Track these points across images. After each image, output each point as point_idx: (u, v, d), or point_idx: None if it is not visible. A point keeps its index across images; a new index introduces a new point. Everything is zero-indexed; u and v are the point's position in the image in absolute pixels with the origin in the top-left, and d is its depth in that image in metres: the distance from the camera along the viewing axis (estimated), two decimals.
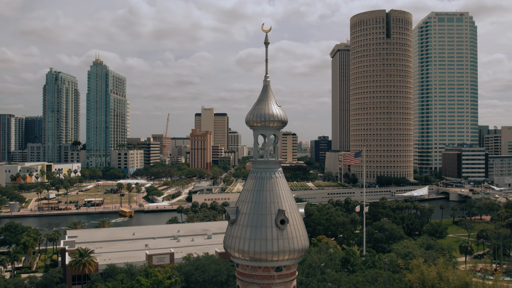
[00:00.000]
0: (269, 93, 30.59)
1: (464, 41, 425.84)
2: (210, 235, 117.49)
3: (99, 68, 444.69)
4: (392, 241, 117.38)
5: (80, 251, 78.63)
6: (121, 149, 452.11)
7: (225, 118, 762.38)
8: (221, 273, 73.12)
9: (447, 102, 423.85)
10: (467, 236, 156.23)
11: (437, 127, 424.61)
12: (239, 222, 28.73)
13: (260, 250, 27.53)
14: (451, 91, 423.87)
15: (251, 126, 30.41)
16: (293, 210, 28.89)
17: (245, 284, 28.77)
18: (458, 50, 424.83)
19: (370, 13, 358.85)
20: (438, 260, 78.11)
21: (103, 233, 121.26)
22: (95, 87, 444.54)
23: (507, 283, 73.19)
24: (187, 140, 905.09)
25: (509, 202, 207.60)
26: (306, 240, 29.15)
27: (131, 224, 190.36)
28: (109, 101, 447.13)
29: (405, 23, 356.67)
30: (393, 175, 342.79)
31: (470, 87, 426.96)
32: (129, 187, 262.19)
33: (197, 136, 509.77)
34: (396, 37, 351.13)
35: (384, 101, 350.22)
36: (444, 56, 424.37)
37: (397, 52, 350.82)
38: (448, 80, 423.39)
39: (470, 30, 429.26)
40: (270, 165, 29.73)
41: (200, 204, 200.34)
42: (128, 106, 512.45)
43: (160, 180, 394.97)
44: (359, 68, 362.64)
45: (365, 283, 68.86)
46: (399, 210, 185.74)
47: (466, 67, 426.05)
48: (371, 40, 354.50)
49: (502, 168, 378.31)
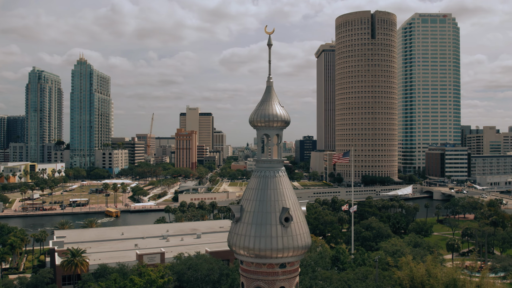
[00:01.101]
0: (272, 93, 31.22)
1: (447, 42, 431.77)
2: (200, 234, 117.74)
3: (83, 67, 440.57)
4: (379, 240, 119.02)
5: (72, 251, 78.31)
6: (106, 149, 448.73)
7: (210, 118, 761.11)
8: (213, 272, 73.58)
9: (431, 102, 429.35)
10: (451, 234, 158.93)
11: (421, 127, 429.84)
12: (243, 220, 29.29)
13: (265, 247, 28.14)
14: (434, 92, 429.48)
15: (255, 126, 30.96)
16: (296, 208, 29.55)
17: (250, 280, 29.36)
18: (441, 51, 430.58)
19: (355, 14, 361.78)
20: (426, 257, 79.69)
21: (91, 233, 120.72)
22: (79, 86, 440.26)
23: (493, 280, 74.86)
24: (171, 139, 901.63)
25: (492, 200, 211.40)
26: (309, 237, 29.90)
27: (118, 224, 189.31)
28: (94, 100, 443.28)
29: (389, 24, 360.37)
30: (378, 174, 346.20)
31: (453, 87, 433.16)
32: (115, 187, 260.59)
33: (182, 136, 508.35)
34: (381, 37, 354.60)
35: (369, 101, 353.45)
36: (428, 57, 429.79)
37: (382, 53, 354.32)
38: (432, 80, 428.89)
39: (453, 32, 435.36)
40: (274, 164, 30.27)
41: (187, 204, 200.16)
42: (112, 105, 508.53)
43: (145, 180, 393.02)
44: (344, 68, 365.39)
45: (356, 280, 69.92)
46: (385, 209, 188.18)
47: (449, 68, 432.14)
48: (356, 40, 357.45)
49: (484, 168, 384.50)
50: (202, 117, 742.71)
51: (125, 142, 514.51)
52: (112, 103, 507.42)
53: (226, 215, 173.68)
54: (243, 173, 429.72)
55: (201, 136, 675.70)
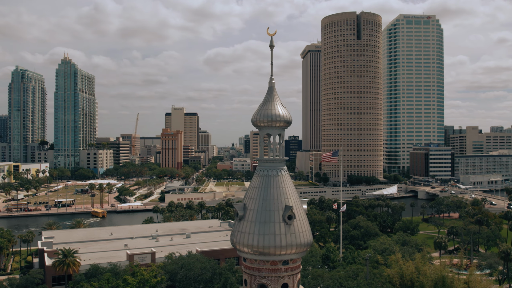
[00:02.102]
0: (274, 94, 31.85)
1: (431, 43, 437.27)
2: (189, 234, 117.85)
3: (68, 66, 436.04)
4: (367, 238, 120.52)
5: (63, 251, 77.91)
6: (90, 149, 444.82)
7: (196, 118, 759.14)
8: (206, 271, 73.90)
9: (415, 103, 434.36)
10: (437, 233, 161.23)
11: (405, 127, 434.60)
12: (247, 218, 29.84)
13: (269, 245, 28.75)
14: (418, 92, 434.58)
15: (257, 126, 31.56)
16: (298, 206, 30.20)
17: (253, 278, 29.92)
18: (425, 52, 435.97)
19: (341, 15, 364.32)
20: (415, 255, 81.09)
21: (80, 233, 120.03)
22: (63, 86, 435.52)
23: (480, 277, 76.41)
24: (156, 139, 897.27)
25: (476, 200, 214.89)
26: (310, 234, 30.58)
27: (104, 224, 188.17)
28: (78, 100, 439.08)
29: (375, 25, 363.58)
30: (364, 174, 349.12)
31: (436, 88, 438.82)
32: (101, 187, 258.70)
33: (168, 136, 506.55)
34: (367, 38, 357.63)
35: (355, 102, 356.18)
36: (412, 58, 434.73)
37: (368, 54, 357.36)
38: (416, 81, 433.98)
39: (436, 33, 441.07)
40: (276, 163, 30.84)
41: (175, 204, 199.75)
42: (96, 105, 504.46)
43: (131, 180, 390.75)
44: (330, 68, 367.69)
45: (347, 278, 70.86)
46: (371, 208, 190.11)
47: (433, 69, 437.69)
48: (342, 41, 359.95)
49: (467, 167, 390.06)
50: (188, 117, 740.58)
51: (110, 142, 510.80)
52: (97, 102, 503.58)
53: (214, 215, 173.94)
54: (229, 173, 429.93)
55: (186, 136, 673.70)
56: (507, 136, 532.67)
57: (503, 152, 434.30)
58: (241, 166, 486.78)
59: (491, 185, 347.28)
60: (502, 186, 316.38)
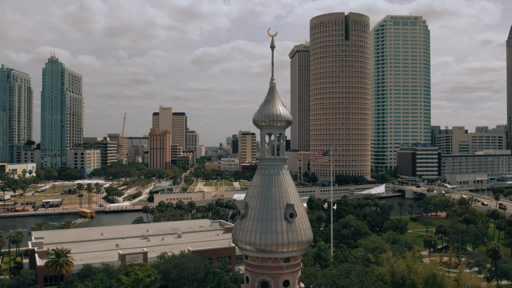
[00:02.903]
0: (275, 94, 32.32)
1: (417, 44, 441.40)
2: (180, 234, 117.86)
3: (55, 65, 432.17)
4: (357, 237, 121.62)
5: (56, 251, 77.55)
6: (78, 148, 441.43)
7: (184, 118, 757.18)
8: (199, 270, 74.16)
9: (402, 103, 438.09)
10: (425, 231, 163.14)
11: (392, 127, 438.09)
12: (249, 216, 30.29)
13: (271, 242, 29.26)
14: (405, 92, 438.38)
15: (258, 126, 32.04)
16: (299, 204, 30.69)
17: (255, 275, 30.39)
18: (412, 53, 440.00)
19: (330, 16, 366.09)
20: (406, 253, 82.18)
21: (70, 233, 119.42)
22: (50, 85, 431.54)
23: (470, 274, 77.72)
24: (144, 139, 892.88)
25: (463, 199, 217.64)
26: (311, 232, 31.17)
27: (93, 225, 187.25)
28: (65, 99, 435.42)
29: (363, 25, 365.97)
30: (352, 174, 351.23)
31: (423, 88, 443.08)
32: (89, 188, 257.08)
33: (156, 136, 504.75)
34: (355, 39, 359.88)
35: (343, 102, 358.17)
36: (399, 58, 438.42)
37: (356, 54, 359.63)
38: (403, 81, 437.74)
39: (423, 34, 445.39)
40: (277, 162, 31.36)
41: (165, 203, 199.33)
42: (83, 104, 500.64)
43: (119, 180, 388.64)
44: (319, 69, 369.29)
45: (340, 276, 71.61)
46: (360, 208, 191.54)
47: (420, 69, 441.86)
48: (330, 41, 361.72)
49: (454, 167, 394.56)
50: (176, 117, 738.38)
51: (97, 142, 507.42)
52: (84, 102, 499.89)
53: (204, 214, 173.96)
54: (218, 173, 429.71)
55: (174, 136, 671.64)
56: (492, 136, 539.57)
57: (489, 152, 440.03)
58: (229, 166, 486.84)
59: (477, 184, 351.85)
60: (487, 186, 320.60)
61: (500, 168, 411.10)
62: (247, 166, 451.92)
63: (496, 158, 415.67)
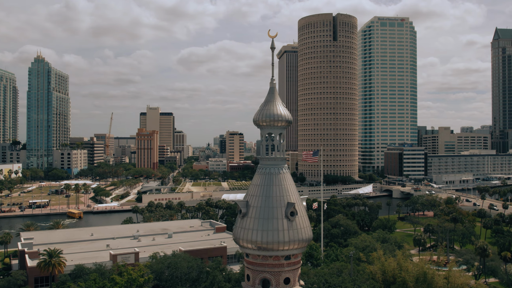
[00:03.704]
0: (275, 94, 32.74)
1: (404, 45, 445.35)
2: (171, 234, 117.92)
3: (41, 64, 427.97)
4: (347, 236, 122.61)
5: (48, 251, 77.15)
6: (64, 149, 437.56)
7: (171, 118, 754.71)
8: (192, 270, 74.35)
9: (389, 104, 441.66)
10: (413, 230, 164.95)
11: (379, 127, 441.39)
12: (250, 215, 30.69)
13: (273, 240, 29.70)
14: (392, 93, 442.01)
15: (258, 125, 32.49)
16: (299, 203, 31.23)
17: (256, 272, 30.80)
18: (399, 54, 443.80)
19: (318, 16, 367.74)
20: (396, 252, 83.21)
21: (60, 234, 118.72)
22: (36, 85, 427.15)
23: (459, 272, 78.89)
24: (130, 139, 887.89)
25: (449, 198, 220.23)
26: (311, 230, 31.68)
27: (81, 225, 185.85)
28: (51, 99, 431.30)
29: (350, 26, 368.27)
30: (339, 173, 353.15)
31: (410, 89, 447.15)
32: (76, 188, 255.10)
33: (143, 136, 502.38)
34: (343, 40, 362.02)
35: (331, 102, 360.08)
36: (386, 59, 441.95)
37: (343, 55, 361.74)
38: (390, 82, 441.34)
39: (410, 35, 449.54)
40: (278, 162, 31.79)
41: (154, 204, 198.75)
42: (70, 104, 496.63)
43: (106, 181, 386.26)
44: (307, 69, 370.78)
45: (332, 275, 72.31)
46: (349, 207, 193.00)
47: (406, 70, 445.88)
48: (318, 42, 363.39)
49: (440, 167, 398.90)
50: (163, 117, 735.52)
51: (84, 142, 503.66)
52: (70, 102, 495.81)
53: (194, 215, 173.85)
54: (206, 173, 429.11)
55: (161, 136, 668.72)
56: (477, 136, 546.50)
57: (474, 152, 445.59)
58: (217, 166, 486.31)
59: (463, 184, 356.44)
60: (473, 185, 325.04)
61: (485, 168, 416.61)
62: (235, 166, 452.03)
63: (481, 158, 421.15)
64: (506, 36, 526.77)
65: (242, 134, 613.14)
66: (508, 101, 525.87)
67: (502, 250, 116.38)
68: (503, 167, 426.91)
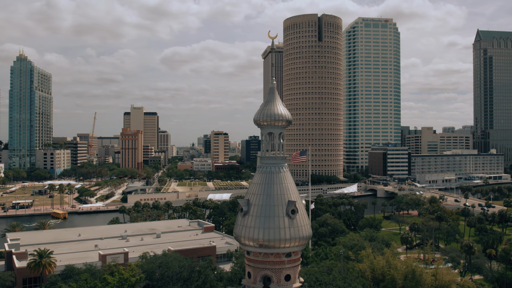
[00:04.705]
0: (276, 94, 33.33)
1: (388, 46, 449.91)
2: (159, 234, 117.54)
3: (23, 63, 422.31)
4: (334, 235, 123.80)
5: (38, 252, 76.50)
6: (47, 148, 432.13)
7: (155, 117, 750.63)
8: (184, 269, 74.51)
9: (373, 104, 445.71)
10: (398, 229, 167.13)
11: (363, 127, 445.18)
12: (251, 213, 31.21)
13: (274, 238, 30.26)
14: (376, 93, 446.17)
15: (259, 125, 33.01)
16: (299, 201, 31.78)
17: (257, 270, 31.32)
18: (383, 54, 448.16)
19: (303, 17, 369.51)
20: (385, 250, 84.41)
21: (46, 235, 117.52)
22: (18, 84, 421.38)
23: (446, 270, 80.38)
24: (114, 139, 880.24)
25: (433, 197, 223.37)
26: (310, 228, 32.34)
27: (66, 226, 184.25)
28: (34, 98, 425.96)
29: (335, 27, 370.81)
30: (324, 173, 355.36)
31: (393, 89, 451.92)
32: (61, 188, 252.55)
33: (127, 136, 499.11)
34: (328, 40, 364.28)
35: (316, 102, 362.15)
36: (370, 60, 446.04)
37: (329, 55, 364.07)
38: (374, 82, 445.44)
39: (394, 36, 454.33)
40: (278, 161, 32.35)
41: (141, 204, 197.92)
42: (53, 104, 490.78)
43: (90, 181, 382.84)
44: (292, 69, 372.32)
45: (323, 273, 73.07)
46: (335, 206, 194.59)
47: (390, 71, 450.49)
48: (304, 43, 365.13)
49: (423, 166, 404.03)
50: (147, 117, 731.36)
51: (67, 142, 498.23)
52: (53, 101, 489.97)
53: (181, 214, 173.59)
54: (191, 173, 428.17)
55: (146, 136, 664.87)
56: (459, 137, 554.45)
57: (456, 152, 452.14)
58: (202, 166, 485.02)
59: (446, 183, 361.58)
60: (456, 185, 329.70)
61: (468, 168, 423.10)
62: (220, 166, 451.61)
63: (463, 157, 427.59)
64: (487, 38, 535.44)
65: (227, 134, 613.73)
66: (489, 102, 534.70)
67: (486, 248, 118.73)
68: (485, 167, 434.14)
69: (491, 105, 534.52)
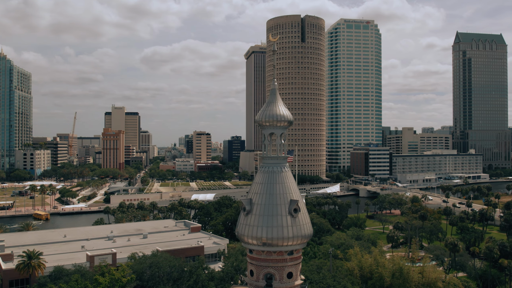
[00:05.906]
0: (277, 95, 33.95)
1: (369, 47, 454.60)
2: (146, 234, 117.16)
3: (2, 62, 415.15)
4: (321, 234, 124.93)
5: (28, 253, 75.75)
6: (27, 149, 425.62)
7: (137, 118, 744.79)
8: (175, 269, 74.62)
9: (354, 104, 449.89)
10: (382, 228, 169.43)
11: (345, 127, 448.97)
12: (254, 212, 31.73)
13: (277, 236, 30.84)
14: (357, 94, 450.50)
15: (261, 125, 33.54)
16: (301, 200, 32.42)
17: (260, 268, 31.84)
18: (364, 55, 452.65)
19: (286, 18, 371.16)
20: (372, 248, 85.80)
21: (31, 236, 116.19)
22: None
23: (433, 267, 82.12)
24: (94, 139, 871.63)
25: (415, 197, 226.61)
26: (311, 226, 32.99)
27: (49, 227, 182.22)
28: (14, 98, 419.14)
29: (318, 28, 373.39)
30: (307, 173, 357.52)
31: (375, 90, 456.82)
32: (42, 189, 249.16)
33: (109, 136, 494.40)
34: (310, 41, 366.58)
35: (299, 103, 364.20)
36: (352, 61, 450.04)
37: (311, 56, 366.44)
38: (355, 83, 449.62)
39: (375, 37, 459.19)
40: (280, 160, 32.94)
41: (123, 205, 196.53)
42: (32, 103, 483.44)
43: (71, 182, 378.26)
44: (276, 70, 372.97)
45: (312, 272, 73.98)
46: (319, 206, 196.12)
47: (371, 72, 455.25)
48: (287, 43, 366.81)
49: (404, 166, 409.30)
50: (128, 117, 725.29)
51: (47, 142, 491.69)
52: (32, 101, 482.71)
53: (166, 215, 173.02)
54: (173, 173, 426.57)
55: (127, 136, 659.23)
56: (439, 137, 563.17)
57: (436, 152, 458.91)
58: (185, 166, 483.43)
59: (426, 183, 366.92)
60: (436, 184, 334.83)
61: (447, 167, 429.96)
62: (203, 166, 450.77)
63: (443, 157, 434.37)
64: (466, 40, 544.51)
65: (210, 134, 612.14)
66: (468, 103, 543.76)
67: (468, 246, 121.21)
68: (464, 167, 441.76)
69: (470, 106, 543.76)
